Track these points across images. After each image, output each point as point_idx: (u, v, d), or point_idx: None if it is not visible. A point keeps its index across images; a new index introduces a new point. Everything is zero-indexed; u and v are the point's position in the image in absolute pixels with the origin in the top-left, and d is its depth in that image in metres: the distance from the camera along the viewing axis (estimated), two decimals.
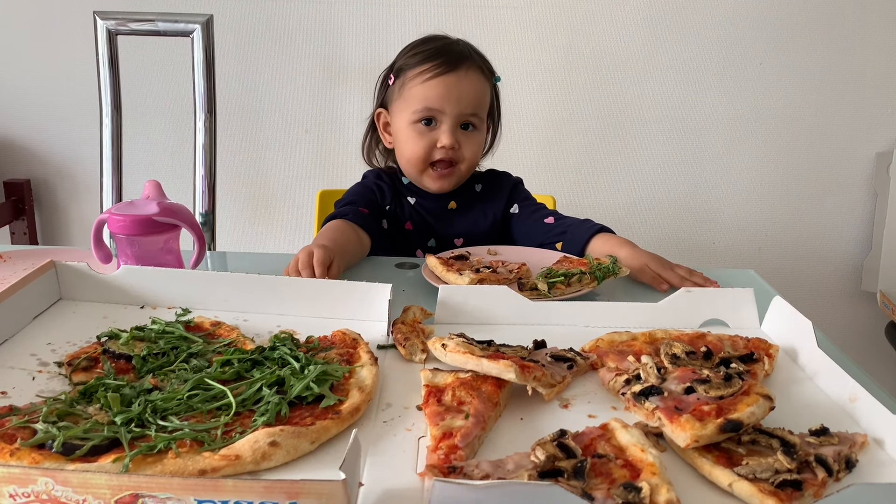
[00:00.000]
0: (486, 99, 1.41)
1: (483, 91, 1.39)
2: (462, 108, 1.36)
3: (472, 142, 1.39)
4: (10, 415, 0.69)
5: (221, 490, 0.55)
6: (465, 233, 1.46)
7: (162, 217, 1.05)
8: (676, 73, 2.30)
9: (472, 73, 1.37)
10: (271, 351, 0.83)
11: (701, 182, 2.40)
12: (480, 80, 1.39)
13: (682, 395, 0.74)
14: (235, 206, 2.43)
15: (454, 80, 1.36)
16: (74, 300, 1.02)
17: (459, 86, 1.35)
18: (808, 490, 0.62)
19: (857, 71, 2.29)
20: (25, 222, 2.41)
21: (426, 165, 1.40)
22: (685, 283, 1.14)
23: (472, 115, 1.37)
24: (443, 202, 1.47)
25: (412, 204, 1.46)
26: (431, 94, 1.35)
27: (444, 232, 1.46)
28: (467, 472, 0.62)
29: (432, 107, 1.36)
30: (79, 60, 2.25)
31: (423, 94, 1.36)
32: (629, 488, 0.59)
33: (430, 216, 1.46)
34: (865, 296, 2.47)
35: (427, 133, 1.38)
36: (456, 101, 1.35)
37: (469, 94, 1.36)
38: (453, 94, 1.35)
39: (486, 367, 0.76)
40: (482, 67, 1.40)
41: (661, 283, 1.17)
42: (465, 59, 1.38)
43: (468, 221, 1.47)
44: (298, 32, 2.28)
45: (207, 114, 2.01)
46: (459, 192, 1.49)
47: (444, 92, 1.35)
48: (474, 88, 1.37)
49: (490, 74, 1.43)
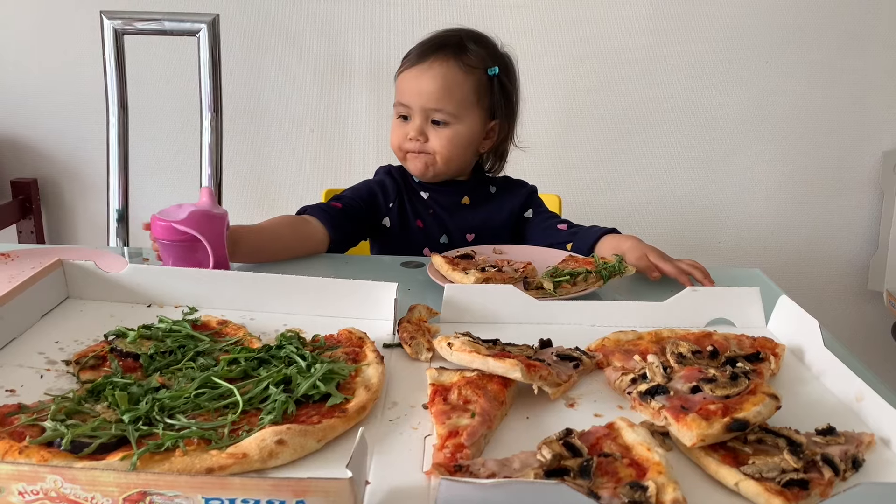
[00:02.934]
0: (456, 92, 1.34)
1: (450, 83, 1.33)
2: (423, 102, 1.34)
3: (440, 136, 1.36)
4: (18, 413, 0.70)
5: (229, 488, 0.55)
6: (477, 227, 1.46)
7: (182, 226, 1.03)
8: (682, 71, 2.29)
9: (437, 64, 1.33)
10: (278, 349, 0.83)
11: (706, 181, 2.40)
12: (448, 73, 1.33)
13: (688, 395, 0.74)
14: (241, 204, 2.43)
15: (417, 72, 1.35)
16: (82, 299, 1.02)
17: (421, 79, 1.34)
18: (814, 489, 0.62)
19: (864, 69, 2.28)
20: (32, 221, 2.41)
21: (404, 153, 1.41)
22: (681, 276, 1.17)
23: (436, 111, 1.34)
24: (456, 197, 1.47)
25: (425, 199, 1.47)
26: (402, 88, 1.37)
27: (457, 226, 1.46)
28: (473, 471, 0.62)
29: (401, 101, 1.37)
30: (85, 60, 2.26)
31: (399, 87, 1.38)
32: (635, 487, 0.60)
33: (443, 211, 1.47)
34: (872, 295, 2.46)
35: (403, 125, 1.39)
36: (417, 95, 1.34)
37: (429, 86, 1.33)
38: (414, 88, 1.34)
39: (491, 365, 0.77)
40: (459, 59, 1.34)
41: (653, 272, 1.18)
42: (436, 50, 1.35)
43: (481, 216, 1.47)
44: (304, 31, 2.28)
45: (213, 113, 2.02)
46: (473, 190, 1.49)
47: (408, 85, 1.35)
48: (436, 80, 1.33)
49: (478, 67, 1.36)
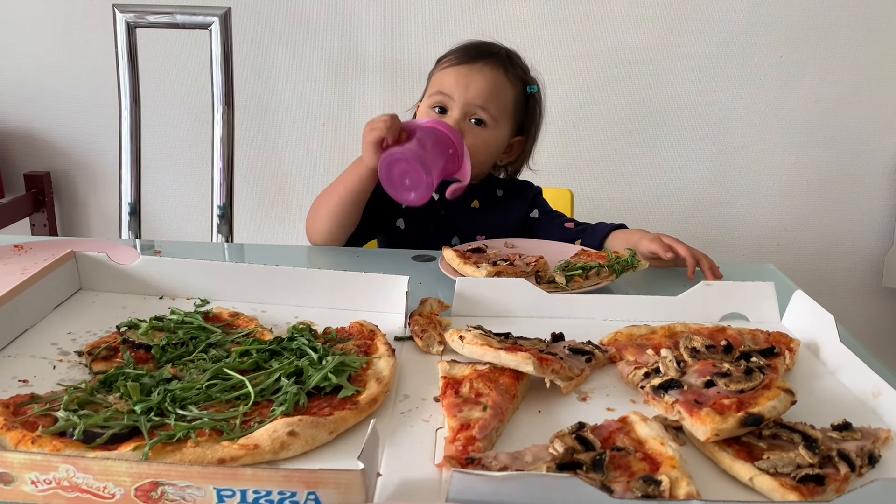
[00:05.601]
0: (502, 97, 1.39)
1: (498, 88, 1.38)
2: (470, 97, 1.36)
3: (478, 135, 1.37)
4: (31, 403, 0.70)
5: (240, 479, 0.55)
6: (488, 230, 1.46)
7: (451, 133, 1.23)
8: (695, 66, 2.27)
9: (488, 68, 1.38)
10: (289, 342, 0.83)
11: (719, 176, 2.38)
12: (497, 78, 1.38)
13: (702, 389, 0.73)
14: (253, 198, 2.43)
15: (467, 70, 1.37)
16: (94, 290, 1.02)
17: (470, 76, 1.37)
18: (830, 485, 0.61)
19: (878, 64, 2.25)
20: (45, 214, 2.43)
21: None
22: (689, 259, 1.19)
23: (481, 108, 1.36)
24: (465, 200, 1.47)
25: (435, 200, 1.46)
26: (445, 81, 1.38)
27: (468, 229, 1.46)
28: (485, 464, 0.62)
29: (443, 91, 1.37)
30: (98, 53, 2.26)
31: (440, 80, 1.39)
32: (649, 481, 0.59)
33: (453, 213, 1.46)
34: (887, 292, 2.44)
35: (437, 117, 1.39)
36: (465, 89, 1.36)
37: (479, 84, 1.36)
38: (462, 83, 1.36)
39: (503, 359, 0.76)
40: (507, 69, 1.40)
41: (667, 251, 1.20)
42: (486, 56, 1.39)
43: (492, 219, 1.48)
44: (316, 25, 2.28)
45: (225, 106, 2.02)
46: (481, 192, 1.49)
47: (455, 79, 1.37)
48: (487, 81, 1.37)
49: (519, 81, 1.43)
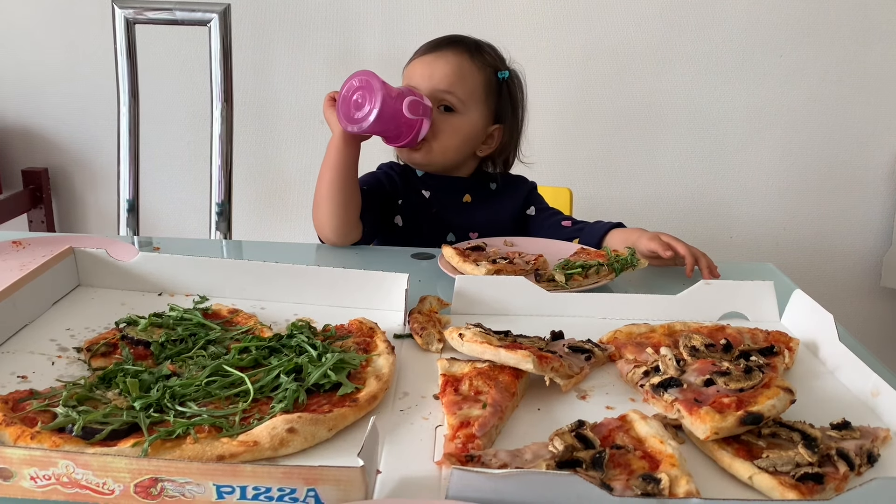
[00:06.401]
0: (468, 81, 1.39)
1: (463, 72, 1.39)
2: (434, 83, 1.37)
3: (446, 121, 1.38)
4: (30, 398, 0.70)
5: (240, 475, 0.55)
6: (482, 226, 1.45)
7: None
8: (694, 65, 2.27)
9: (452, 54, 1.39)
10: (289, 339, 0.83)
11: (718, 176, 2.38)
12: (462, 62, 1.39)
13: (702, 388, 0.73)
14: (251, 195, 2.43)
15: (431, 58, 1.40)
16: (93, 286, 1.02)
17: (434, 63, 1.39)
18: (829, 484, 0.61)
19: (878, 64, 2.25)
20: (43, 211, 2.42)
21: None
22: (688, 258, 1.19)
23: (447, 92, 1.37)
24: (457, 195, 1.47)
25: (427, 197, 1.46)
26: (412, 73, 1.41)
27: (462, 224, 1.46)
28: (485, 462, 0.62)
29: (411, 83, 1.39)
30: (96, 49, 2.26)
31: (409, 73, 1.42)
32: (648, 479, 0.59)
33: (446, 209, 1.46)
34: (886, 292, 2.44)
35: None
36: (429, 77, 1.38)
37: (443, 69, 1.38)
38: (427, 72, 1.39)
39: (503, 356, 0.76)
40: (472, 54, 1.41)
41: (667, 250, 1.21)
42: (449, 44, 1.41)
43: (486, 215, 1.47)
44: (315, 22, 2.28)
45: (224, 103, 2.01)
46: (473, 187, 1.48)
47: (420, 69, 1.40)
48: (451, 66, 1.38)
49: (488, 66, 1.42)
